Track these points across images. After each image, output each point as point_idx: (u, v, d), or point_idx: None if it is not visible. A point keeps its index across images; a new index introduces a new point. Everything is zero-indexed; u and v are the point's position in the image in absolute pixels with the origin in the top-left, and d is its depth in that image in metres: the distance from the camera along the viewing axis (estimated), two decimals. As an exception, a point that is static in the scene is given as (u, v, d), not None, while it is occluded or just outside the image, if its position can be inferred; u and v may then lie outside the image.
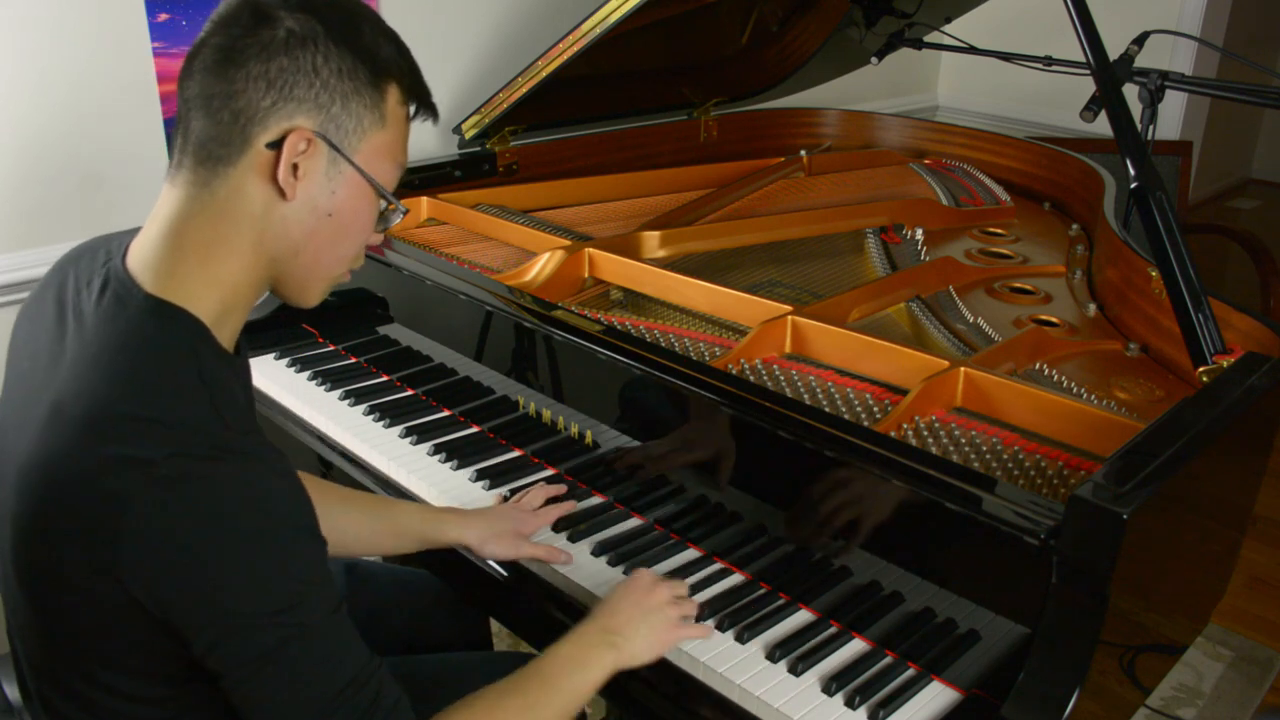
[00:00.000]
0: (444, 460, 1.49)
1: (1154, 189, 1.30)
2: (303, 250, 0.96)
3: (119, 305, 0.91)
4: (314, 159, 0.92)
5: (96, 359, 0.89)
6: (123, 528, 0.82)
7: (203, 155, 0.92)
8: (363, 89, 0.93)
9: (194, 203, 0.93)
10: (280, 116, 0.90)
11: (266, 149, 0.91)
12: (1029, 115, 3.55)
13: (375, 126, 0.95)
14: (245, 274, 0.95)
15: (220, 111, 0.90)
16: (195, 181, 0.92)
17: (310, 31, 0.90)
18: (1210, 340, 1.24)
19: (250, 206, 0.92)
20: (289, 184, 0.92)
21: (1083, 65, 1.47)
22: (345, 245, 0.99)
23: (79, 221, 1.93)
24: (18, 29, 1.79)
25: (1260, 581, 2.60)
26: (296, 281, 0.99)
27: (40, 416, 0.89)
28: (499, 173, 2.13)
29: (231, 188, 0.92)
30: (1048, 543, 1.00)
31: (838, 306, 1.52)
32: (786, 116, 2.62)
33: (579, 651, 1.08)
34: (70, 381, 0.89)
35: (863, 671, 1.10)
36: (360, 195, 0.96)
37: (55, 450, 0.86)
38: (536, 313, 1.47)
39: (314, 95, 0.90)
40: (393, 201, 0.99)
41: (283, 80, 0.89)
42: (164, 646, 0.89)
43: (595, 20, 1.86)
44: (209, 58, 0.90)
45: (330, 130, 0.92)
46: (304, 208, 0.94)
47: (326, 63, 0.91)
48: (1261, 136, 5.98)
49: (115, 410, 0.85)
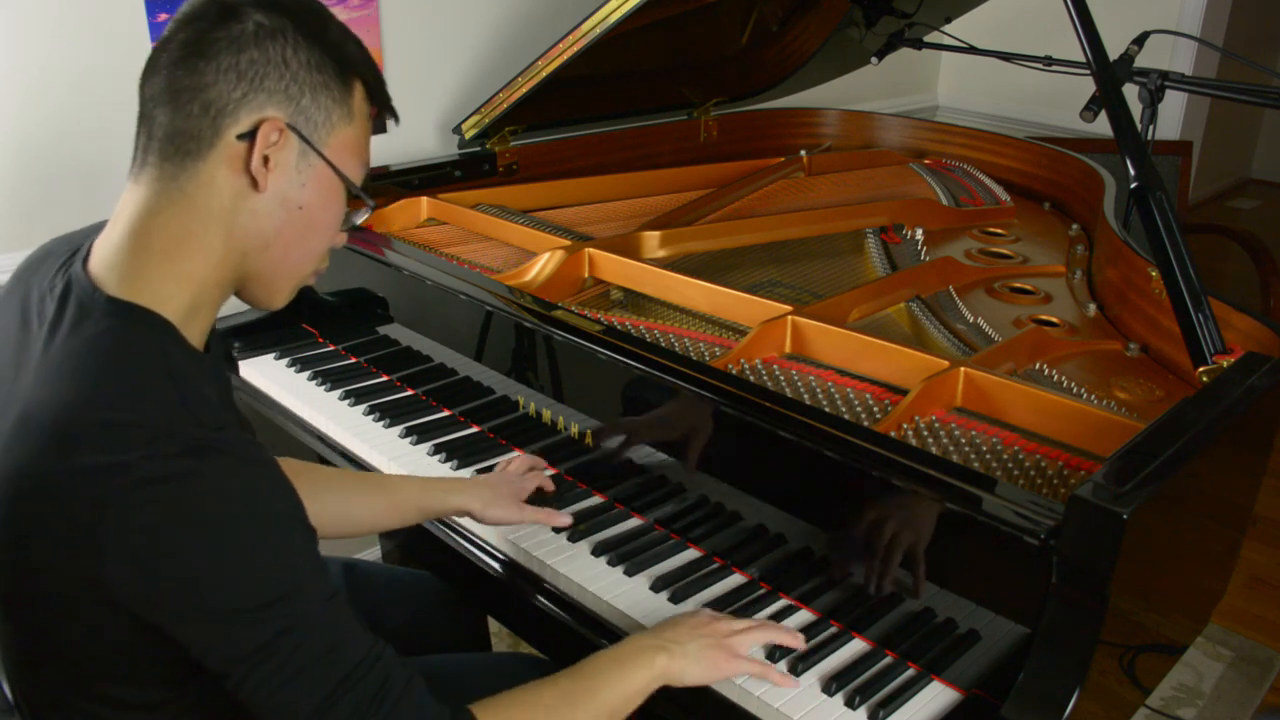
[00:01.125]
0: (444, 460, 1.49)
1: (1154, 189, 1.30)
2: (273, 244, 0.95)
3: (81, 311, 0.90)
4: (284, 151, 0.92)
5: (61, 367, 0.87)
6: (103, 536, 0.81)
7: (170, 150, 0.91)
8: (331, 83, 0.93)
9: (160, 199, 0.92)
10: (251, 108, 0.90)
11: (237, 140, 0.90)
12: (1029, 115, 3.55)
13: (343, 121, 0.95)
14: (214, 270, 0.94)
15: (189, 104, 0.89)
16: (162, 177, 0.91)
17: (279, 25, 0.90)
18: (1210, 340, 1.24)
19: (220, 200, 0.92)
20: (261, 174, 0.91)
21: (1083, 65, 1.47)
22: (314, 239, 0.98)
23: (79, 221, 1.90)
24: (17, 29, 1.79)
25: (1260, 581, 2.60)
26: (265, 278, 0.98)
27: (6, 430, 0.87)
28: (499, 173, 2.13)
29: (200, 181, 0.91)
30: (1048, 543, 1.00)
31: (838, 306, 1.52)
32: (786, 116, 2.62)
33: (624, 653, 1.05)
34: (36, 390, 0.87)
35: (863, 671, 1.10)
36: (329, 189, 0.96)
37: (25, 463, 0.85)
38: (536, 313, 1.47)
39: (284, 87, 0.91)
40: (360, 195, 0.99)
41: (253, 72, 0.89)
42: (153, 650, 0.88)
43: (595, 20, 1.86)
44: (175, 53, 0.90)
45: (300, 122, 0.92)
46: (274, 200, 0.93)
47: (296, 55, 0.91)
48: (1261, 136, 5.99)
49: (85, 417, 0.83)
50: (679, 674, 1.05)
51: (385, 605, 1.44)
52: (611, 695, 1.01)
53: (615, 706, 1.01)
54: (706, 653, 1.06)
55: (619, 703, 1.01)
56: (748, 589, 1.23)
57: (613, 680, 1.02)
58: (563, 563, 1.28)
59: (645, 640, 1.06)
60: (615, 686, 1.01)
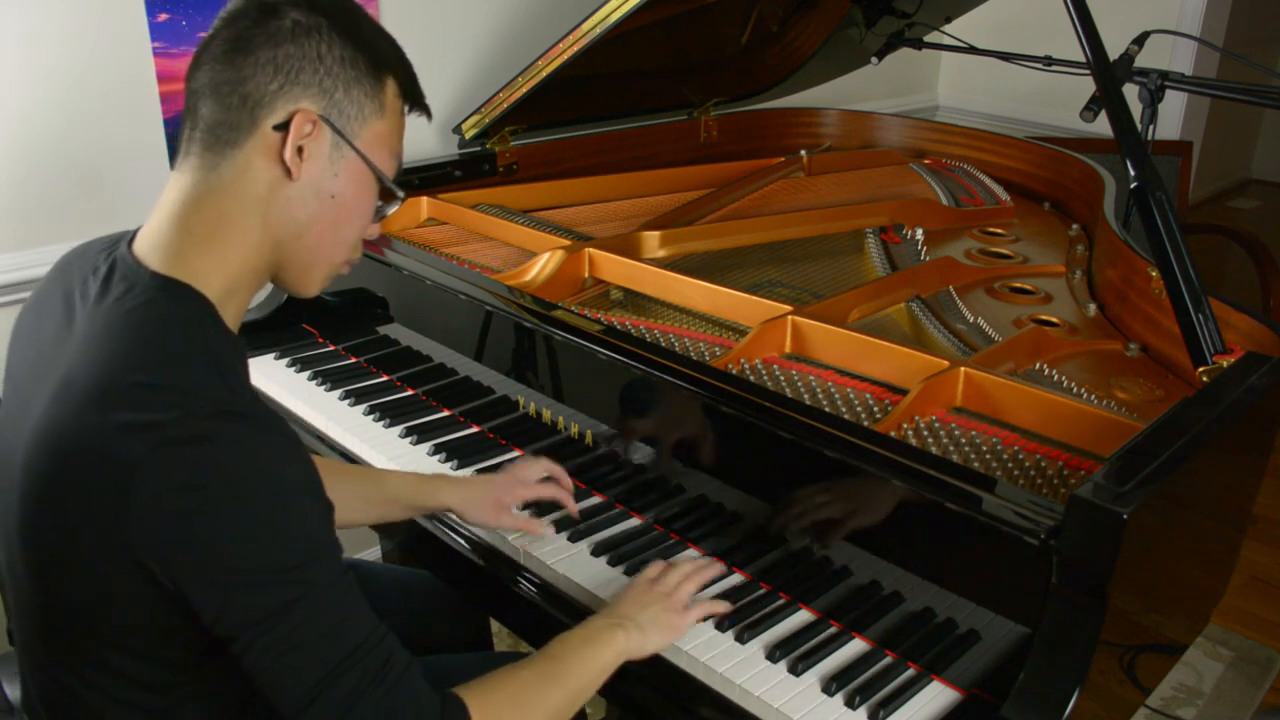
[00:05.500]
0: (444, 460, 1.49)
1: (1154, 189, 1.30)
2: (306, 232, 0.99)
3: (126, 285, 0.95)
4: (318, 141, 0.96)
5: (105, 333, 0.91)
6: (132, 492, 0.83)
7: (210, 140, 0.96)
8: (363, 77, 0.98)
9: (201, 186, 0.96)
10: (286, 100, 0.95)
11: (273, 131, 0.95)
12: (1029, 115, 3.55)
13: (375, 115, 1.00)
14: (250, 255, 0.98)
15: (229, 96, 0.94)
16: (203, 166, 0.96)
17: (315, 23, 0.95)
18: (1210, 340, 1.24)
19: (256, 187, 0.96)
20: (294, 164, 0.96)
21: (1083, 65, 1.47)
22: (346, 229, 1.02)
23: (79, 221, 1.92)
24: (18, 29, 1.79)
25: (1260, 581, 2.60)
26: (299, 266, 1.02)
27: (49, 392, 0.91)
28: (499, 173, 2.13)
29: (238, 169, 0.96)
30: (1048, 543, 1.00)
31: (838, 306, 1.52)
32: (786, 116, 2.62)
33: (588, 633, 1.09)
34: (79, 355, 0.91)
35: (863, 671, 1.10)
36: (360, 180, 1.01)
37: (64, 421, 0.88)
38: (536, 313, 1.47)
39: (318, 80, 0.95)
40: (390, 186, 1.03)
41: (289, 65, 0.94)
42: (168, 627, 0.91)
43: (595, 20, 1.86)
44: (218, 49, 0.95)
45: (334, 115, 0.97)
46: (308, 189, 0.98)
47: (330, 50, 0.95)
48: (1261, 136, 5.98)
49: (124, 380, 0.87)
50: (639, 647, 1.10)
51: (385, 605, 1.43)
52: (583, 672, 1.06)
53: (586, 684, 1.06)
54: (658, 619, 1.12)
55: (589, 679, 1.06)
56: (748, 589, 1.23)
57: (582, 657, 1.06)
58: (562, 563, 1.28)
59: (603, 620, 1.11)
60: (585, 663, 1.06)
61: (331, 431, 1.60)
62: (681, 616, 1.13)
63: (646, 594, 1.15)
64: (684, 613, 1.14)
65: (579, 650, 1.07)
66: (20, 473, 0.92)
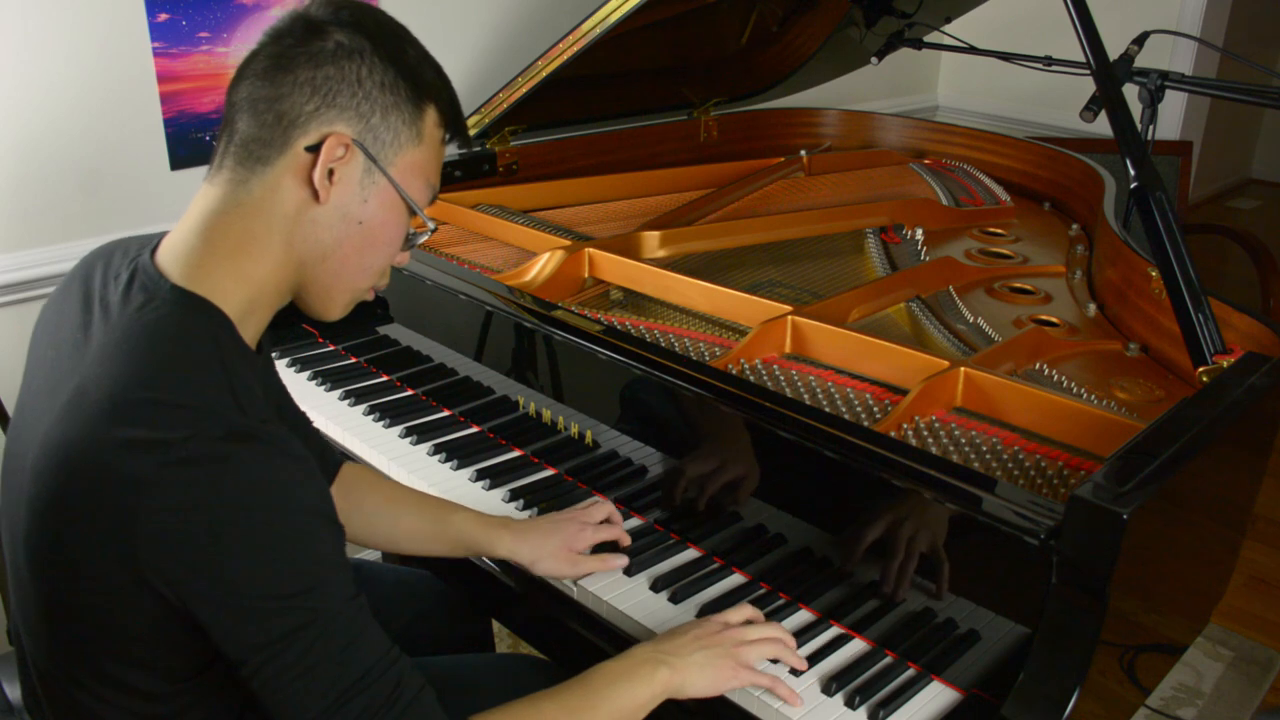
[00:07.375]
0: (444, 460, 1.49)
1: (1154, 189, 1.30)
2: (330, 256, 0.98)
3: (146, 296, 0.93)
4: (350, 166, 0.95)
5: (120, 345, 0.90)
6: (139, 510, 0.83)
7: (243, 155, 0.95)
8: (403, 104, 0.96)
9: (230, 200, 0.96)
10: (321, 122, 0.94)
11: (305, 152, 0.94)
12: (1029, 115, 3.55)
13: (411, 143, 0.98)
14: (273, 273, 0.97)
15: (265, 114, 0.94)
16: (234, 180, 0.96)
17: (358, 46, 0.94)
18: (1210, 340, 1.24)
19: (283, 207, 0.95)
20: (323, 187, 0.94)
21: (1083, 65, 1.47)
22: (372, 256, 1.01)
23: (79, 221, 1.92)
24: (17, 29, 1.79)
25: (1260, 581, 2.60)
26: (321, 288, 1.01)
27: (63, 401, 0.90)
28: (499, 173, 2.13)
29: (268, 186, 0.95)
30: (1048, 543, 1.00)
31: (838, 306, 1.52)
32: (786, 116, 2.62)
33: (627, 666, 1.03)
34: (95, 367, 0.90)
35: (863, 671, 1.10)
36: (391, 208, 0.99)
37: (75, 433, 0.87)
38: (536, 313, 1.47)
39: (355, 104, 0.94)
40: (421, 216, 1.01)
41: (327, 87, 0.93)
42: (172, 640, 0.90)
43: (595, 20, 1.86)
44: (260, 65, 0.94)
45: (368, 140, 0.95)
46: (335, 213, 0.97)
47: (370, 75, 0.94)
48: (1261, 136, 5.98)
49: (136, 395, 0.86)
50: (681, 686, 1.03)
51: (388, 606, 1.43)
52: (612, 710, 1.00)
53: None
54: (712, 663, 1.04)
55: (620, 717, 1.00)
56: (748, 589, 1.23)
57: (614, 694, 1.00)
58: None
59: (647, 653, 1.04)
60: (616, 700, 1.00)
61: (331, 432, 1.60)
62: (738, 673, 1.05)
63: (710, 636, 1.07)
64: (742, 670, 1.05)
65: (610, 686, 1.01)
66: (31, 478, 0.92)
